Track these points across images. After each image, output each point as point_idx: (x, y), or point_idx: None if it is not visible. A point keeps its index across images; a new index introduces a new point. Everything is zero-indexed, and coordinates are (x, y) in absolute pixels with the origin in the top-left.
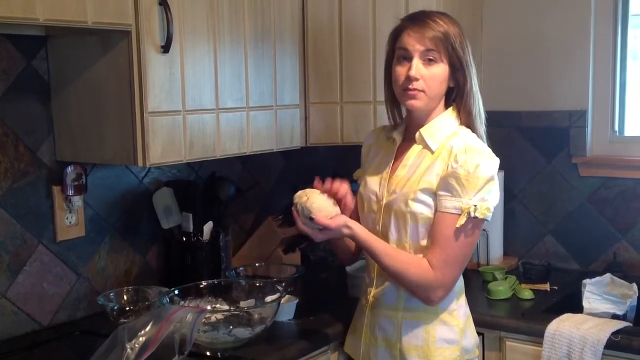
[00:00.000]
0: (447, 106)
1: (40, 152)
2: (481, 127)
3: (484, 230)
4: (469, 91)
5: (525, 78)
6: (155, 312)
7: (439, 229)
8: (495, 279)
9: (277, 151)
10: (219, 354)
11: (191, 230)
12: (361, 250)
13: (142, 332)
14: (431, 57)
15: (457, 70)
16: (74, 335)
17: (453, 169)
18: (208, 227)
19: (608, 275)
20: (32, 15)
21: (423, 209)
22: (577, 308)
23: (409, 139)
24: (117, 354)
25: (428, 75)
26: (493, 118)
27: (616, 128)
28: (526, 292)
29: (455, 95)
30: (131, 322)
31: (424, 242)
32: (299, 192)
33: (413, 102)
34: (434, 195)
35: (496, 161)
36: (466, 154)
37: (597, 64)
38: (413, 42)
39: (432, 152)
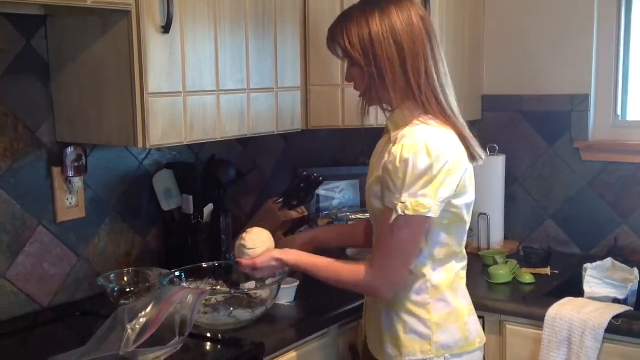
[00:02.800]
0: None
1: (39, 133)
2: (436, 113)
3: (484, 214)
4: (386, 82)
5: (528, 62)
6: (155, 294)
7: (380, 224)
8: (495, 263)
9: (277, 134)
10: (219, 335)
11: (191, 212)
12: (370, 235)
13: (143, 313)
14: (347, 62)
15: (362, 67)
16: (74, 316)
17: (385, 163)
18: (208, 209)
19: (609, 260)
20: None
21: (380, 204)
22: (578, 292)
23: None
24: (118, 335)
25: (353, 77)
26: (494, 102)
27: (619, 112)
28: (527, 276)
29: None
30: (132, 304)
31: None
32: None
33: (366, 104)
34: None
35: (435, 156)
36: (398, 147)
37: (600, 48)
38: None
39: (392, 142)
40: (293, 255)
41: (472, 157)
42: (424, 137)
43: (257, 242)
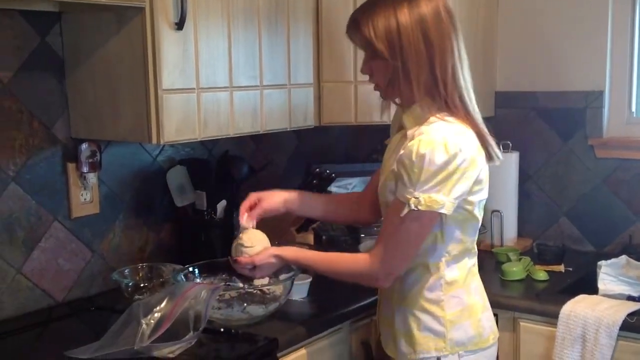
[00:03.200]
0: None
1: (54, 129)
2: (458, 111)
3: (497, 211)
4: (410, 77)
5: (541, 58)
6: (170, 289)
7: (388, 214)
8: (509, 260)
9: (290, 130)
10: (233, 330)
11: (205, 208)
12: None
13: (158, 308)
14: (366, 53)
15: (386, 59)
16: (89, 311)
17: (400, 157)
18: (221, 205)
19: (624, 257)
20: None
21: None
22: (592, 290)
23: None
24: (133, 330)
25: (372, 70)
26: (508, 98)
27: (633, 109)
28: (540, 273)
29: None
30: (146, 298)
31: None
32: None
33: (382, 97)
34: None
35: (453, 153)
36: (415, 142)
37: (615, 44)
38: None
39: (407, 138)
40: (291, 252)
41: (490, 156)
42: (442, 133)
43: (255, 240)
